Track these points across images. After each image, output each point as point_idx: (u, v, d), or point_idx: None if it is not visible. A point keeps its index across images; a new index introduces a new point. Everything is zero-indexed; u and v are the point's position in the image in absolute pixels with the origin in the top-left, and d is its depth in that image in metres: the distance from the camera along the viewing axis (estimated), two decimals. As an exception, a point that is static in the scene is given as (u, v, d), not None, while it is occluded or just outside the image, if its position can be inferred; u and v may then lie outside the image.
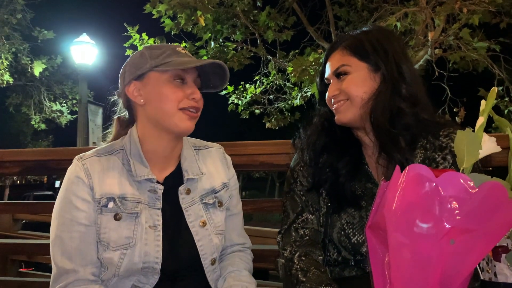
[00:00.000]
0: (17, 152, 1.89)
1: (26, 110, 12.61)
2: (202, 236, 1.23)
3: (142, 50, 1.24)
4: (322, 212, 1.29)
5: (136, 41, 6.61)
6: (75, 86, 12.10)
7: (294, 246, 1.25)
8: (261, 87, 8.02)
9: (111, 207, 1.16)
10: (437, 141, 1.21)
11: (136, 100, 1.20)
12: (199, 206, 1.25)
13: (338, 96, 1.25)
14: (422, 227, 0.80)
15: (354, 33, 1.30)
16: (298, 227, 1.28)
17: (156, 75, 1.18)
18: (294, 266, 1.19)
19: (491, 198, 0.78)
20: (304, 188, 1.31)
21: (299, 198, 1.30)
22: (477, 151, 0.88)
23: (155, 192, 1.20)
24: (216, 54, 6.69)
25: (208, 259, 1.23)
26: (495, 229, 0.80)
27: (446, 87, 7.28)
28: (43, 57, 10.55)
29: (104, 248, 1.15)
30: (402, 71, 1.22)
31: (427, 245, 0.80)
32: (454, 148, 0.89)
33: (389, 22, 5.47)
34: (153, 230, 1.18)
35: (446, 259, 0.80)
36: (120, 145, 1.24)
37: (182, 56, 1.21)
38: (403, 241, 0.82)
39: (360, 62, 1.23)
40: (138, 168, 1.19)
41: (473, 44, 5.83)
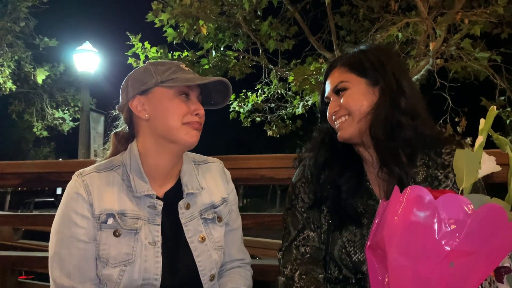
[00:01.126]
0: (17, 164, 1.89)
1: (29, 117, 12.65)
2: (201, 252, 1.22)
3: (146, 65, 1.24)
4: (324, 229, 1.28)
5: (138, 49, 6.64)
6: (77, 93, 12.14)
7: (294, 264, 1.24)
8: (262, 96, 8.04)
9: (110, 223, 1.16)
10: (439, 158, 1.21)
11: (140, 114, 1.21)
12: (198, 221, 1.25)
13: (338, 112, 1.25)
14: (421, 250, 0.80)
15: (352, 52, 1.30)
16: (299, 244, 1.27)
17: (162, 90, 1.19)
18: (295, 284, 1.19)
19: (490, 220, 0.78)
20: (305, 205, 1.30)
21: (300, 215, 1.30)
22: (477, 171, 0.87)
23: (154, 208, 1.20)
24: (217, 63, 6.72)
25: (207, 275, 1.22)
26: (495, 250, 0.80)
27: (448, 97, 7.29)
28: (45, 64, 10.60)
29: (103, 265, 1.15)
30: (401, 85, 1.22)
31: (426, 268, 0.80)
32: (454, 168, 0.89)
33: (390, 32, 5.49)
34: (152, 246, 1.17)
35: (446, 281, 0.79)
36: (120, 161, 1.24)
37: (187, 73, 1.22)
38: (402, 262, 0.82)
39: (358, 78, 1.24)
40: (138, 184, 1.19)
41: (474, 55, 5.83)
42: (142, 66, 1.27)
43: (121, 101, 1.27)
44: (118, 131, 1.32)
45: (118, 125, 1.34)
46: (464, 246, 0.78)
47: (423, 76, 6.65)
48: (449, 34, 6.13)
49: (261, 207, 26.72)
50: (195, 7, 5.19)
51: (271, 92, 8.03)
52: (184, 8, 5.24)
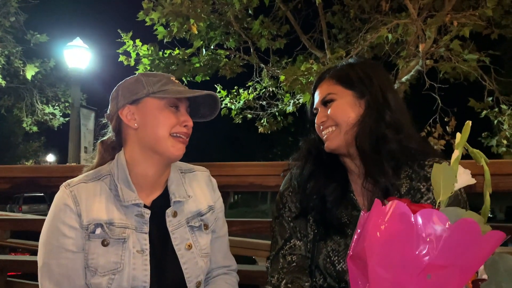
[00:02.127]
0: (7, 168, 1.89)
1: (18, 112, 12.55)
2: (187, 259, 1.24)
3: (138, 76, 1.26)
4: (310, 239, 1.31)
5: (129, 47, 6.61)
6: (68, 89, 12.06)
7: (281, 273, 1.27)
8: (254, 93, 8.06)
9: (98, 233, 1.18)
10: (422, 171, 1.23)
11: (129, 123, 1.23)
12: (185, 229, 1.27)
13: (326, 122, 1.28)
14: (400, 262, 0.83)
15: (340, 65, 1.33)
16: (286, 253, 1.30)
17: (153, 101, 1.21)
18: None
19: (464, 234, 0.81)
20: (292, 214, 1.33)
21: (288, 224, 1.33)
22: (453, 184, 0.90)
23: (142, 216, 1.22)
24: (208, 62, 6.71)
25: (193, 282, 1.25)
26: (469, 263, 0.83)
27: (437, 97, 7.36)
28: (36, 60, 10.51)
29: (92, 274, 1.16)
30: (387, 98, 1.25)
31: (405, 279, 0.83)
32: (431, 181, 0.92)
33: (380, 33, 5.53)
34: (140, 255, 1.19)
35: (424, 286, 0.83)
36: (107, 170, 1.26)
37: (177, 85, 1.25)
38: (381, 274, 0.85)
39: (345, 90, 1.27)
40: (126, 193, 1.21)
41: (464, 56, 5.89)
42: (133, 76, 1.29)
43: (111, 110, 1.28)
44: (104, 139, 1.33)
45: (105, 134, 1.35)
46: (440, 259, 0.81)
47: (413, 76, 6.72)
48: (439, 35, 6.20)
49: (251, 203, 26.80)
50: (186, 6, 5.19)
51: (262, 90, 8.05)
52: (175, 7, 5.23)
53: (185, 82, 7.06)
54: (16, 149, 23.87)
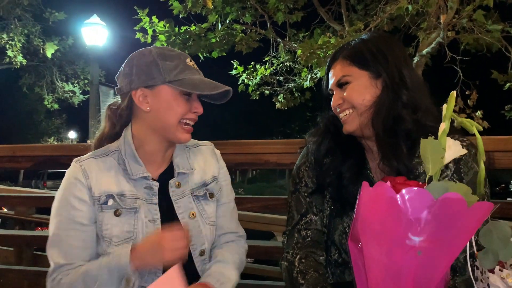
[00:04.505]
0: (29, 147, 1.95)
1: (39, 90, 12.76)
2: (191, 228, 1.28)
3: (154, 57, 1.24)
4: (326, 214, 1.32)
5: (146, 24, 6.61)
6: (86, 66, 12.18)
7: (296, 248, 1.30)
8: (271, 68, 8.00)
9: (110, 204, 1.22)
10: None
11: (141, 106, 1.24)
12: (189, 199, 1.31)
13: (342, 105, 1.27)
14: (391, 241, 0.84)
15: (353, 43, 1.30)
16: (301, 228, 1.32)
17: (168, 89, 1.22)
18: (295, 269, 1.24)
19: (451, 209, 0.81)
20: (309, 189, 1.34)
21: (304, 199, 1.34)
22: (441, 158, 0.89)
23: (151, 188, 1.27)
24: (224, 37, 6.66)
25: (197, 250, 1.29)
26: (459, 236, 0.83)
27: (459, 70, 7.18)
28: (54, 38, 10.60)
29: (108, 244, 1.21)
30: (403, 77, 1.22)
31: (396, 257, 0.84)
32: (421, 157, 0.90)
33: (400, 4, 5.38)
34: (152, 224, 1.24)
35: (416, 268, 0.84)
36: (115, 147, 1.30)
37: (193, 71, 1.25)
38: (374, 255, 0.87)
39: (360, 71, 1.24)
40: (133, 167, 1.26)
41: (487, 27, 5.70)
42: (147, 52, 1.26)
43: (123, 86, 1.28)
44: (112, 104, 1.35)
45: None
46: (429, 236, 0.82)
47: (433, 49, 6.54)
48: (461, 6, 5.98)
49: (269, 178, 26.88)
50: (201, -20, 5.12)
51: (279, 65, 7.99)
52: (190, -19, 5.17)
53: (202, 58, 7.05)
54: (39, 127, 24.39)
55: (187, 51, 6.71)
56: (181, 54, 1.28)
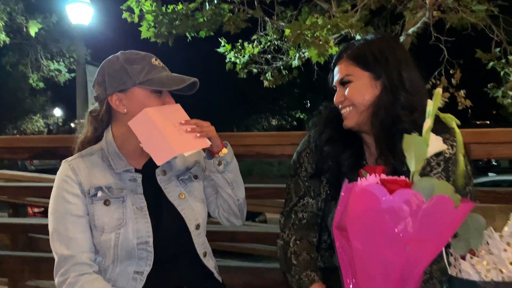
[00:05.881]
0: (26, 139, 2.02)
1: (23, 68, 12.55)
2: (183, 206, 1.42)
3: (122, 63, 1.34)
4: (322, 198, 1.41)
5: (132, 3, 6.53)
6: (72, 44, 11.96)
7: (292, 229, 1.40)
8: (259, 47, 8.00)
9: (100, 196, 1.34)
10: None
11: (118, 109, 1.35)
12: (176, 183, 1.45)
13: (343, 102, 1.35)
14: (383, 238, 0.92)
15: (358, 43, 1.37)
16: (298, 210, 1.42)
17: (139, 90, 1.33)
18: (290, 249, 1.35)
19: (439, 209, 0.89)
20: (308, 174, 1.43)
21: (303, 183, 1.43)
22: (424, 154, 0.95)
23: (135, 180, 1.39)
24: (212, 17, 6.63)
25: (193, 224, 1.41)
26: (444, 232, 0.93)
27: (444, 48, 7.28)
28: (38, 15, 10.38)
29: (100, 233, 1.33)
30: (402, 79, 1.29)
31: (386, 252, 0.93)
32: (404, 152, 0.97)
33: (387, -16, 5.41)
34: (140, 211, 1.36)
35: (404, 261, 0.93)
36: (98, 147, 1.42)
37: (159, 70, 1.36)
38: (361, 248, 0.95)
39: (362, 71, 1.32)
40: (117, 163, 1.38)
41: (472, 7, 5.77)
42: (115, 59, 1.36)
43: (99, 94, 1.38)
44: (92, 110, 1.45)
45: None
46: (417, 234, 0.90)
47: (419, 28, 6.61)
48: (447, -15, 6.04)
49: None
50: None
51: (267, 43, 7.98)
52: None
53: (189, 37, 7.02)
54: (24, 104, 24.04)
55: (174, 30, 6.69)
56: (146, 56, 1.38)
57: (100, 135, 1.44)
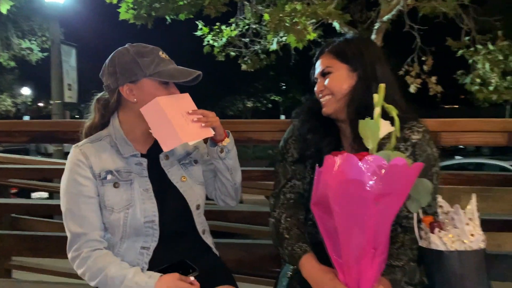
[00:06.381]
0: (25, 123, 2.09)
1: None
2: (185, 188, 1.56)
3: (133, 55, 1.45)
4: (307, 181, 1.57)
5: (110, -17, 6.46)
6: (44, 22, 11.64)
7: (282, 208, 1.56)
8: (237, 30, 8.06)
9: (109, 179, 1.46)
10: (402, 133, 1.46)
11: (129, 98, 1.46)
12: (178, 167, 1.58)
13: (323, 91, 1.51)
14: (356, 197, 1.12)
15: (338, 41, 1.53)
16: (286, 191, 1.58)
17: (149, 82, 1.45)
18: (281, 225, 1.51)
19: (398, 169, 1.10)
20: (294, 159, 1.59)
21: (290, 167, 1.59)
22: (377, 135, 1.19)
23: (140, 164, 1.51)
24: (193, 1, 6.64)
25: (194, 204, 1.55)
26: (403, 188, 1.15)
27: (417, 35, 7.54)
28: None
29: (110, 212, 1.45)
30: (375, 72, 1.46)
31: (361, 209, 1.12)
32: (360, 134, 1.20)
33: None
34: (146, 192, 1.49)
35: (375, 216, 1.13)
36: (106, 133, 1.53)
37: (166, 63, 1.48)
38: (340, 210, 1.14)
39: (341, 64, 1.48)
40: (124, 148, 1.50)
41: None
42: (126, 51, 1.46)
43: (110, 84, 1.49)
44: (99, 97, 1.56)
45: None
46: (383, 190, 1.10)
47: (394, 16, 6.83)
48: (421, -25, 6.25)
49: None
50: None
51: (245, 27, 8.05)
52: None
53: (168, 20, 7.02)
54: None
55: (154, 12, 6.68)
56: (154, 49, 1.49)
57: (107, 121, 1.55)
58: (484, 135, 1.75)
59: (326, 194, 1.16)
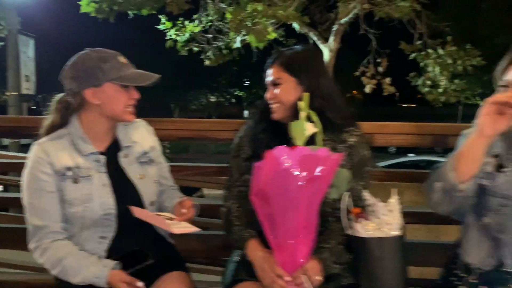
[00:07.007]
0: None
1: None
2: (142, 185, 1.67)
3: (95, 61, 1.56)
4: None
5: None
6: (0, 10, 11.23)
7: (234, 199, 1.71)
8: (200, 26, 8.12)
9: (69, 175, 1.57)
10: (341, 136, 1.66)
11: (92, 101, 1.57)
12: (136, 165, 1.69)
13: (273, 99, 1.67)
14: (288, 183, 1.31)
15: (287, 52, 1.70)
16: (239, 184, 1.71)
17: (112, 85, 1.56)
18: (232, 214, 1.67)
19: (321, 157, 1.32)
20: (247, 156, 1.72)
21: (243, 163, 1.73)
22: (304, 134, 1.40)
23: (99, 161, 1.62)
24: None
25: (148, 200, 1.68)
26: (327, 175, 1.36)
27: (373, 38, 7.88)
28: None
29: (70, 206, 1.56)
30: (319, 86, 1.62)
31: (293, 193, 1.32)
32: (291, 134, 1.41)
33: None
34: (104, 187, 1.61)
35: (306, 197, 1.33)
36: (66, 132, 1.62)
37: (127, 67, 1.60)
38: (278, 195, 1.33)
39: (289, 77, 1.64)
40: (83, 146, 1.61)
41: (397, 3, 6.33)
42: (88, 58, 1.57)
43: (73, 87, 1.58)
44: (60, 99, 1.64)
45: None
46: (310, 175, 1.31)
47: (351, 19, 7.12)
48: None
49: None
50: None
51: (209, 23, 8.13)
52: None
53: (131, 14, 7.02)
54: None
55: (116, 7, 6.66)
56: (114, 54, 1.61)
57: (66, 121, 1.63)
58: (412, 137, 1.98)
59: (264, 183, 1.35)
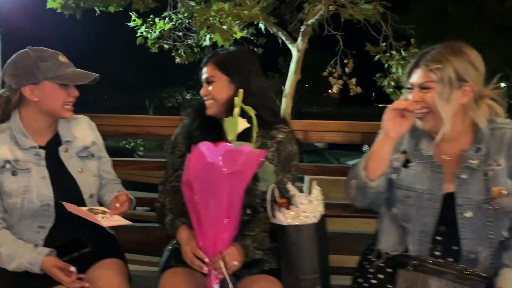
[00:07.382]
0: None
1: None
2: (81, 179, 1.74)
3: (34, 60, 1.61)
4: None
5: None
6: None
7: (167, 194, 1.79)
8: (170, 24, 8.13)
9: (8, 167, 1.63)
10: (270, 133, 1.76)
11: (31, 98, 1.63)
12: (76, 159, 1.75)
13: (207, 96, 1.76)
14: (211, 175, 1.41)
15: (222, 52, 1.79)
16: (172, 180, 1.80)
17: (50, 84, 1.63)
18: (165, 207, 1.74)
19: (245, 152, 1.42)
20: (181, 153, 1.80)
21: (177, 160, 1.81)
22: (236, 129, 1.49)
23: (38, 155, 1.68)
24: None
25: (87, 193, 1.75)
26: (249, 169, 1.46)
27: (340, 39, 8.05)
28: None
29: (8, 197, 1.63)
30: (251, 85, 1.71)
31: (216, 184, 1.41)
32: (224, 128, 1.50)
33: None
34: (43, 180, 1.67)
35: (228, 189, 1.42)
36: (7, 126, 1.68)
37: (66, 66, 1.66)
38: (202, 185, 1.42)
39: (222, 75, 1.73)
40: (23, 140, 1.66)
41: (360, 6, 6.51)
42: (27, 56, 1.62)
43: (12, 84, 1.64)
44: (0, 94, 1.70)
45: None
46: (233, 167, 1.40)
47: (318, 20, 7.27)
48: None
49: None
50: None
51: (179, 21, 8.15)
52: None
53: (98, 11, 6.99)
54: None
55: (83, 4, 6.63)
56: (54, 53, 1.67)
57: (7, 116, 1.69)
58: (343, 134, 2.10)
59: (191, 175, 1.44)
